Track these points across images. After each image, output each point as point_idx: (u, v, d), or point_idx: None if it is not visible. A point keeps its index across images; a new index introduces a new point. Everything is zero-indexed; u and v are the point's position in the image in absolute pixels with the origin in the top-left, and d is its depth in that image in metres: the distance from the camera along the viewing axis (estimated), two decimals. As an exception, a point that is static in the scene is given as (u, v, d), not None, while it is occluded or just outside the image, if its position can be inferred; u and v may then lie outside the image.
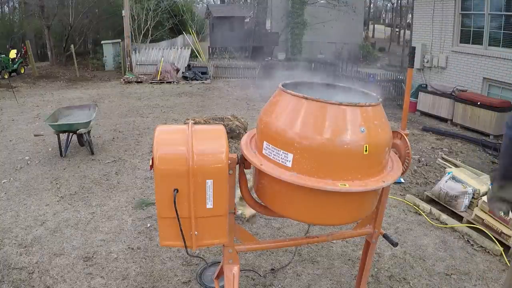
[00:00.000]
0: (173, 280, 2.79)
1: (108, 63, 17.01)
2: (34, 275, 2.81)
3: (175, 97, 10.65)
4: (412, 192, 4.50)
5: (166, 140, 1.52)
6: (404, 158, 1.91)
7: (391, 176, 1.57)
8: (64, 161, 5.21)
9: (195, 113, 8.23)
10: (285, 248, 3.19)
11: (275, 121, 1.52)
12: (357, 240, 3.37)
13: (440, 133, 7.47)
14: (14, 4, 24.51)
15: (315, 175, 1.43)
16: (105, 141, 6.20)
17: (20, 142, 6.08)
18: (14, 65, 13.81)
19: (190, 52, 16.08)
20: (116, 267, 2.92)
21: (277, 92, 1.63)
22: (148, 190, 4.32)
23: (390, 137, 1.57)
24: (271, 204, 1.66)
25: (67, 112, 5.76)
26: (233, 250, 1.87)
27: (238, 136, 5.87)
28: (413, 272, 3.01)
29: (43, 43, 20.60)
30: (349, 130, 1.41)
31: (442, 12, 9.02)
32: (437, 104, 8.73)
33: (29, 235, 3.34)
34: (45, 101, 9.61)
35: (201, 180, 1.48)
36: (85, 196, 4.16)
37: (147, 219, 3.67)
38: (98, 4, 20.54)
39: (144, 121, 7.61)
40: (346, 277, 2.90)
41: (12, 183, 4.47)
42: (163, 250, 3.13)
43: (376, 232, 2.09)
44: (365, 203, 1.60)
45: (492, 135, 7.46)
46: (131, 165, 5.12)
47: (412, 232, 3.61)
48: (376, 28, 40.03)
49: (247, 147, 1.70)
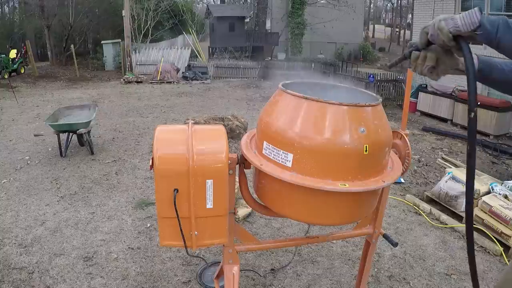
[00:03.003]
0: (173, 280, 2.79)
1: (108, 63, 17.02)
2: (34, 275, 2.81)
3: (175, 97, 10.65)
4: (412, 192, 4.50)
5: (166, 140, 1.52)
6: (404, 158, 1.91)
7: (391, 176, 1.57)
8: (64, 161, 5.21)
9: (195, 113, 8.23)
10: (285, 248, 3.19)
11: (275, 121, 1.52)
12: (357, 240, 3.37)
13: (440, 133, 7.47)
14: (14, 4, 24.54)
15: (315, 175, 1.43)
16: (105, 141, 6.20)
17: (20, 142, 6.08)
18: (14, 65, 13.82)
19: (190, 52, 16.09)
20: (116, 267, 2.92)
21: (277, 92, 1.63)
22: (148, 190, 4.32)
23: (390, 137, 1.57)
24: (271, 204, 1.66)
25: (67, 112, 5.77)
26: (233, 250, 1.86)
27: (238, 136, 5.87)
28: (413, 272, 3.01)
29: (43, 43, 20.61)
30: (349, 130, 1.41)
31: (442, 12, 9.03)
32: (437, 104, 8.73)
33: (29, 235, 3.34)
34: (45, 101, 9.61)
35: (201, 180, 1.48)
36: (85, 196, 4.16)
37: (147, 219, 3.67)
38: (98, 4, 20.56)
39: (144, 121, 7.62)
40: (346, 277, 2.90)
41: (12, 183, 4.47)
42: (163, 250, 3.13)
43: (376, 232, 2.09)
44: (365, 203, 1.60)
45: (492, 135, 7.46)
46: (131, 165, 5.12)
47: (412, 232, 3.61)
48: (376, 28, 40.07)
49: (247, 147, 1.70)
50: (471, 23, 1.10)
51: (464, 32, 1.12)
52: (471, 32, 1.11)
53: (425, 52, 1.26)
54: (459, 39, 1.14)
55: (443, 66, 1.28)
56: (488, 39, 1.11)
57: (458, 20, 1.12)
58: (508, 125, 7.76)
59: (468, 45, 1.14)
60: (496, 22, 1.08)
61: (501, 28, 1.07)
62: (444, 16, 1.15)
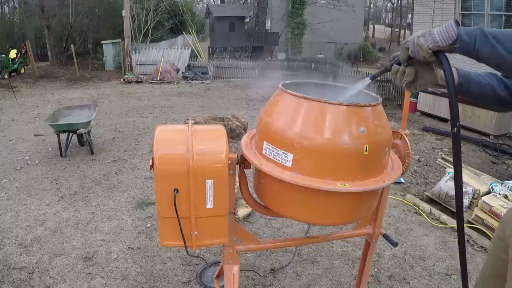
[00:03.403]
0: (173, 280, 2.79)
1: (108, 63, 17.03)
2: (34, 275, 2.81)
3: (175, 97, 10.65)
4: (412, 192, 4.50)
5: (166, 140, 1.52)
6: (404, 158, 1.91)
7: (391, 176, 1.57)
8: (64, 161, 5.21)
9: (195, 113, 8.23)
10: (285, 248, 3.20)
11: (275, 121, 1.52)
12: (357, 240, 3.37)
13: (440, 133, 7.47)
14: (14, 4, 24.56)
15: (315, 175, 1.43)
16: (105, 141, 6.20)
17: (20, 142, 6.08)
18: (14, 65, 13.82)
19: (190, 52, 16.10)
20: (116, 267, 2.92)
21: (277, 92, 1.63)
22: (148, 190, 4.32)
23: (390, 137, 1.57)
24: (271, 204, 1.66)
25: (67, 112, 5.77)
26: (233, 250, 1.87)
27: (238, 136, 5.87)
28: (413, 272, 3.01)
29: (43, 43, 20.62)
30: (349, 130, 1.41)
31: (442, 12, 9.03)
32: (437, 104, 8.73)
33: (29, 235, 3.34)
34: (45, 101, 9.61)
35: (201, 180, 1.48)
36: (85, 196, 4.16)
37: (147, 219, 3.67)
38: (98, 4, 20.57)
39: (144, 121, 7.62)
40: (346, 277, 2.90)
41: (12, 183, 4.47)
42: (163, 250, 3.13)
43: (376, 232, 2.09)
44: (365, 203, 1.60)
45: (492, 135, 7.46)
46: (131, 165, 5.12)
47: (412, 232, 3.61)
48: (376, 28, 40.09)
49: (247, 147, 1.70)
50: (448, 37, 1.12)
51: (442, 46, 1.14)
52: (450, 46, 1.13)
53: (404, 68, 1.29)
54: (439, 54, 1.17)
55: (422, 80, 1.31)
56: (467, 50, 1.12)
57: (436, 36, 1.13)
58: (508, 125, 7.77)
59: (447, 60, 1.16)
60: (473, 33, 1.09)
61: (479, 39, 1.08)
62: (422, 32, 1.17)
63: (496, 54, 1.07)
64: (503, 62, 1.07)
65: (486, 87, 1.35)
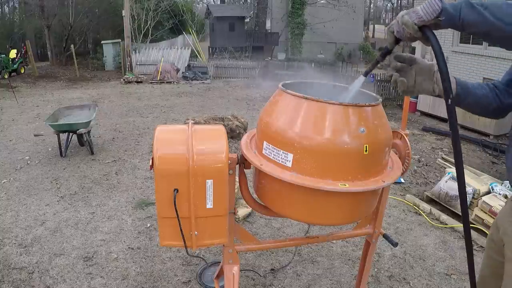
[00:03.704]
0: (173, 280, 2.79)
1: (108, 63, 17.02)
2: (34, 275, 2.81)
3: (175, 97, 10.65)
4: (412, 192, 4.50)
5: (166, 140, 1.52)
6: (404, 158, 1.91)
7: (391, 176, 1.57)
8: (64, 161, 5.21)
9: (195, 113, 8.23)
10: (285, 248, 3.20)
11: (275, 121, 1.52)
12: (357, 240, 3.37)
13: (440, 133, 7.47)
14: (14, 4, 24.57)
15: (315, 175, 1.43)
16: (105, 141, 6.20)
17: (20, 142, 6.08)
18: (14, 65, 13.82)
19: (190, 52, 16.09)
20: (116, 267, 2.92)
21: (277, 92, 1.63)
22: (148, 190, 4.32)
23: (390, 137, 1.57)
24: (271, 204, 1.66)
25: (67, 112, 5.77)
26: (233, 250, 1.86)
27: (238, 136, 5.87)
28: (413, 272, 3.01)
29: (43, 43, 20.62)
30: (349, 130, 1.41)
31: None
32: (437, 104, 8.72)
33: (29, 235, 3.34)
34: (45, 101, 9.61)
35: (201, 180, 1.48)
36: (85, 196, 4.16)
37: (147, 219, 3.67)
38: (98, 4, 20.56)
39: (144, 121, 7.62)
40: (346, 277, 2.90)
41: (12, 183, 4.47)
42: (163, 250, 3.13)
43: (376, 232, 2.09)
44: (365, 203, 1.60)
45: (492, 135, 7.46)
46: (131, 165, 5.12)
47: (412, 232, 3.61)
48: (376, 28, 40.08)
49: (247, 147, 1.70)
50: (433, 11, 1.11)
51: (428, 20, 1.13)
52: (435, 19, 1.13)
53: (396, 77, 1.32)
54: (425, 29, 1.16)
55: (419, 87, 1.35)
56: (452, 22, 1.11)
57: (420, 11, 1.13)
58: (508, 125, 7.75)
59: (433, 33, 1.15)
60: (459, 6, 1.09)
61: (464, 9, 1.08)
62: (406, 11, 1.17)
63: (484, 21, 1.06)
64: (491, 29, 1.06)
65: (482, 97, 1.37)
